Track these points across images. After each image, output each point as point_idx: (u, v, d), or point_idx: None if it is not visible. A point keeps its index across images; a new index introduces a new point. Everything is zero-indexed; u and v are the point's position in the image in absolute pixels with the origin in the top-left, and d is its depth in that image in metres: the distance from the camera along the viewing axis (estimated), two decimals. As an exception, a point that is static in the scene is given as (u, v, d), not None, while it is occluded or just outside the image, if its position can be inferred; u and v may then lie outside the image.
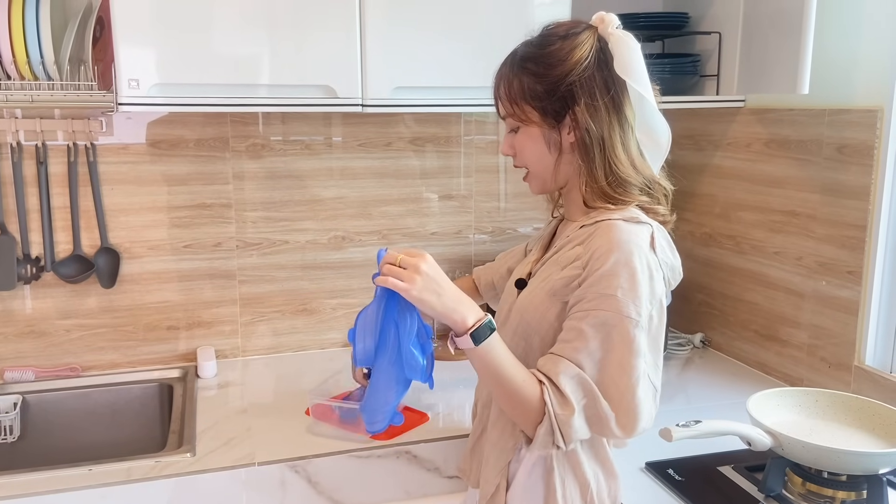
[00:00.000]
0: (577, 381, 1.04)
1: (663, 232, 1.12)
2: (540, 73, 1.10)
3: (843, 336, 1.64)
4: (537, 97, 1.10)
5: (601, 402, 1.04)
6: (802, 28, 1.60)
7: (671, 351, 2.03)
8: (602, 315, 1.04)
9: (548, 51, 1.10)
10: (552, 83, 1.09)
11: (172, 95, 1.52)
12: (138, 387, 1.84)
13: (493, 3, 1.65)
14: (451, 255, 2.12)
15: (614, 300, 1.03)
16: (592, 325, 1.04)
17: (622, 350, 1.04)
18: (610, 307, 1.03)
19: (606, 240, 1.05)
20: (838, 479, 1.25)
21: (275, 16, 1.54)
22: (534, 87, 1.10)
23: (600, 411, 1.05)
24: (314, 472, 1.44)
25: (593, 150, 1.09)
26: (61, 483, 1.34)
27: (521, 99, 1.12)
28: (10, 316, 1.82)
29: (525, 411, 1.06)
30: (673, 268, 1.13)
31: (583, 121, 1.08)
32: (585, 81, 1.08)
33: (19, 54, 1.56)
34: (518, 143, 1.16)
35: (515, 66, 1.13)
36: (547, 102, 1.10)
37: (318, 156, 1.98)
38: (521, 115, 1.13)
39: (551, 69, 1.09)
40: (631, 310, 1.03)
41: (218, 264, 1.95)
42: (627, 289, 1.03)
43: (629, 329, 1.03)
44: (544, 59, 1.10)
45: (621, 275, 1.03)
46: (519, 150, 1.17)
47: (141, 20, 1.47)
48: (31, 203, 1.79)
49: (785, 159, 1.78)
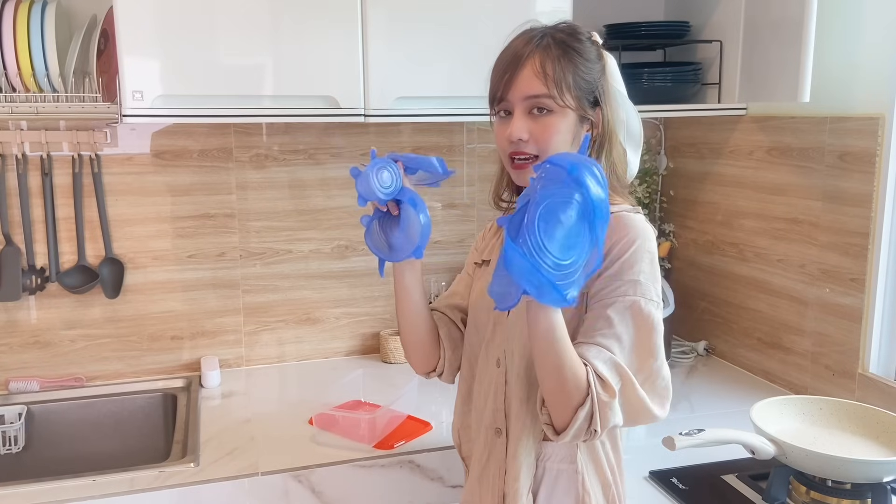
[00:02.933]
0: (611, 365, 1.04)
1: None
2: (584, 65, 1.10)
3: (847, 344, 1.64)
4: (579, 87, 1.09)
5: (636, 387, 1.05)
6: (803, 36, 1.60)
7: (675, 359, 2.03)
8: (628, 300, 1.06)
9: (585, 46, 1.11)
10: (593, 77, 1.11)
11: (176, 107, 1.53)
12: (142, 397, 1.85)
13: (495, 13, 1.66)
14: (453, 264, 2.12)
15: (639, 285, 1.06)
16: (619, 311, 1.06)
17: (647, 332, 1.06)
18: (636, 292, 1.06)
19: (626, 229, 1.08)
20: (842, 488, 1.25)
21: (277, 27, 1.55)
22: (583, 76, 1.09)
23: (634, 396, 1.05)
24: (318, 482, 1.44)
25: (602, 149, 1.13)
26: (65, 493, 1.34)
27: (564, 84, 1.08)
28: (14, 326, 1.83)
29: (571, 390, 1.01)
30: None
31: (605, 117, 1.12)
32: (606, 84, 1.13)
33: (24, 66, 1.58)
34: (541, 127, 1.09)
35: (559, 48, 1.09)
36: (587, 94, 1.10)
37: (321, 165, 1.99)
38: (560, 99, 1.08)
39: (593, 63, 1.11)
40: (653, 293, 1.07)
41: (221, 274, 1.95)
42: (649, 273, 1.07)
43: (652, 311, 1.06)
44: (585, 53, 1.11)
45: (644, 260, 1.07)
46: (539, 135, 1.09)
47: (145, 33, 1.48)
48: (36, 214, 1.80)
49: (787, 167, 1.78)
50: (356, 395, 1.71)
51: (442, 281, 2.08)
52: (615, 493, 1.15)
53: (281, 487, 1.43)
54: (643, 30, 1.91)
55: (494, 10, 1.66)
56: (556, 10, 1.70)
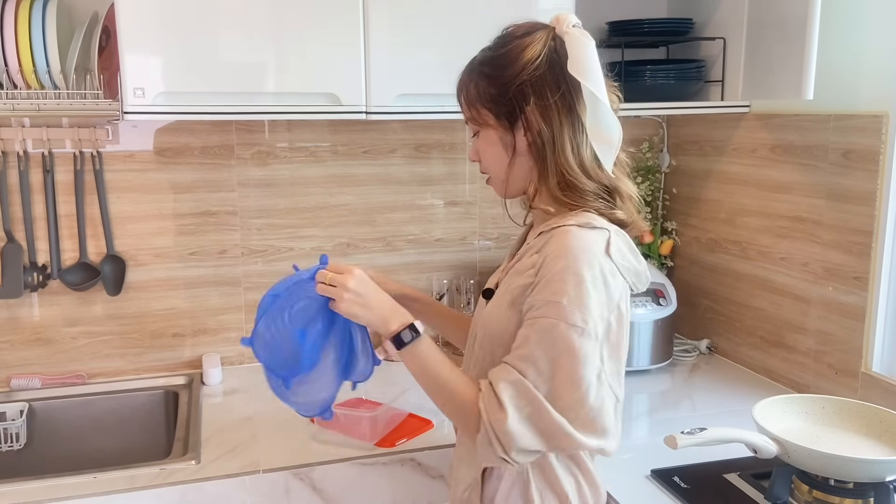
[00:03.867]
0: (515, 387, 1.01)
1: (624, 237, 1.09)
2: (493, 76, 1.10)
3: (850, 342, 1.63)
4: (491, 99, 1.10)
5: (548, 411, 1.00)
6: (807, 33, 1.60)
7: (677, 357, 2.02)
8: (547, 323, 1.01)
9: (501, 52, 1.10)
10: (504, 84, 1.08)
11: (178, 104, 1.52)
12: (144, 394, 1.85)
13: (496, 11, 1.65)
14: (455, 262, 2.12)
15: (560, 307, 1.00)
16: (538, 332, 1.02)
17: (568, 359, 1.00)
18: (555, 314, 1.01)
19: (558, 246, 1.03)
20: (845, 487, 1.24)
21: (279, 24, 1.55)
22: (487, 89, 1.10)
23: (549, 420, 1.01)
24: (319, 480, 1.44)
25: (545, 152, 1.08)
26: (66, 490, 1.34)
27: (477, 102, 1.12)
28: (16, 323, 1.83)
29: (462, 418, 1.07)
30: (637, 273, 1.09)
31: (534, 121, 1.07)
32: (536, 81, 1.06)
33: (26, 63, 1.58)
34: (479, 148, 1.16)
35: (473, 70, 1.13)
36: (500, 104, 1.09)
37: (323, 163, 1.98)
38: (479, 118, 1.12)
39: (503, 70, 1.08)
40: (576, 318, 1.00)
41: (223, 271, 1.95)
42: (574, 296, 1.00)
43: (574, 337, 1.00)
44: (497, 61, 1.10)
45: (568, 282, 1.01)
46: (480, 155, 1.16)
47: (146, 29, 1.48)
48: (38, 211, 1.80)
49: (790, 165, 1.77)
50: (357, 393, 1.71)
51: (444, 279, 2.08)
52: None
53: (282, 485, 1.43)
54: (646, 27, 1.90)
55: (497, 7, 1.65)
56: (559, 8, 1.69)
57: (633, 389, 1.85)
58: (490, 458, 1.04)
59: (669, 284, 1.98)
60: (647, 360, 1.92)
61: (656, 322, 1.90)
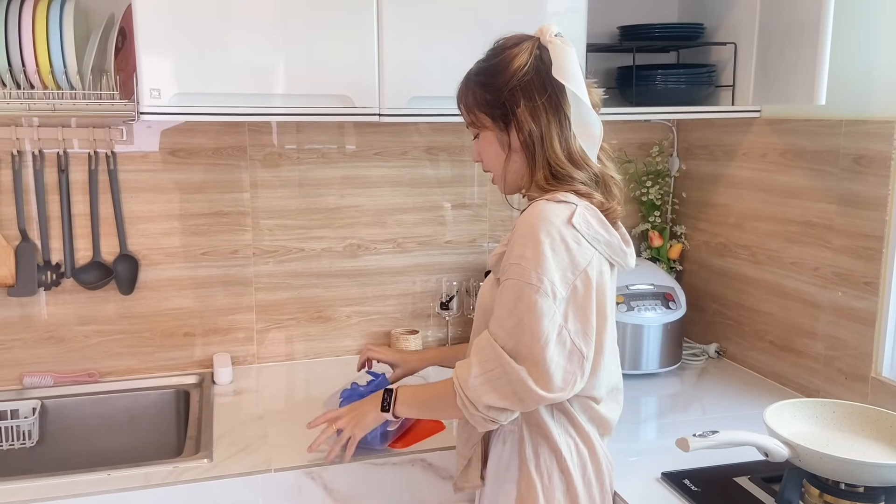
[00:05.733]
0: (485, 351, 1.15)
1: (595, 212, 1.20)
2: (487, 83, 1.24)
3: (860, 347, 1.64)
4: (487, 104, 1.24)
5: (512, 368, 1.12)
6: (819, 38, 1.60)
7: (686, 361, 2.03)
8: (510, 283, 1.15)
9: (493, 63, 1.24)
10: (497, 90, 1.22)
11: (192, 105, 1.54)
12: (155, 393, 1.86)
13: (508, 15, 1.66)
14: (465, 264, 2.13)
15: (518, 268, 1.14)
16: (503, 293, 1.16)
17: (528, 314, 1.12)
18: (517, 275, 1.14)
19: (525, 217, 1.17)
20: (856, 491, 1.24)
21: (293, 26, 1.56)
22: (483, 95, 1.25)
23: (513, 376, 1.12)
24: (330, 479, 1.45)
25: (535, 147, 1.21)
26: (79, 488, 1.36)
27: (475, 108, 1.27)
28: (29, 321, 1.84)
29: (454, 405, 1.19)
30: (610, 245, 1.20)
31: (525, 121, 1.20)
32: (525, 86, 1.20)
33: (42, 64, 1.59)
34: (480, 149, 1.31)
35: (469, 80, 1.28)
36: (495, 107, 1.23)
37: (334, 164, 1.99)
38: (477, 122, 1.28)
39: (496, 77, 1.22)
40: (532, 277, 1.12)
41: (234, 272, 1.96)
42: (530, 258, 1.13)
43: (531, 294, 1.12)
44: (490, 70, 1.24)
45: (526, 245, 1.14)
46: (481, 155, 1.31)
47: (163, 31, 1.49)
48: (52, 210, 1.81)
49: (801, 170, 1.78)
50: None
51: (454, 281, 2.09)
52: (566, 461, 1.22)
53: (294, 484, 1.43)
54: (657, 31, 1.91)
55: (510, 10, 1.66)
56: (571, 11, 1.70)
57: (641, 392, 1.85)
58: (475, 420, 1.18)
59: (679, 288, 1.98)
60: (656, 363, 1.92)
61: (665, 325, 1.91)
